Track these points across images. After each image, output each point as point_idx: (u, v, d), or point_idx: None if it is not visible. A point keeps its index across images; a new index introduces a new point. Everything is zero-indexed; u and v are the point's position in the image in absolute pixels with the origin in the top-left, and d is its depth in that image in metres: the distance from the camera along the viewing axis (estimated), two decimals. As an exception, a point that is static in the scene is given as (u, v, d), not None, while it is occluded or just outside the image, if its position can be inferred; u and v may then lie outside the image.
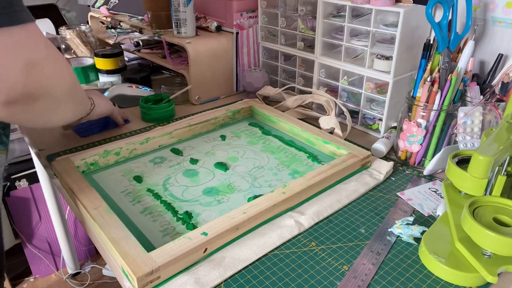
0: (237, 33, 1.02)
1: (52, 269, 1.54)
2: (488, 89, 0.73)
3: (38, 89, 0.46)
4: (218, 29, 1.04)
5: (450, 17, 0.70)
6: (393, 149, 0.80)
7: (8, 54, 0.41)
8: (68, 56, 1.19)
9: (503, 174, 0.56)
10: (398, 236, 0.59)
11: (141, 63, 1.29)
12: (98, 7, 1.37)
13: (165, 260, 0.49)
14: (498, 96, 0.71)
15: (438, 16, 0.71)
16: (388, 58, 0.80)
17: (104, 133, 0.87)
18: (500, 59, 0.76)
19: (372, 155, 0.77)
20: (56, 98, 0.50)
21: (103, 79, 1.15)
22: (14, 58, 0.42)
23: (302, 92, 1.00)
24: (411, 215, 0.63)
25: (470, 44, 0.70)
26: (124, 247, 0.51)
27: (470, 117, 0.69)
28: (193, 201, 0.65)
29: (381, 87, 0.85)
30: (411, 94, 0.73)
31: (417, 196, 0.68)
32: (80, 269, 1.56)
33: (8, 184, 1.41)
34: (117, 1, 1.34)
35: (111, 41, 1.27)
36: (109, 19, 1.29)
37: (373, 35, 0.81)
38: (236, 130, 0.89)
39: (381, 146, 0.78)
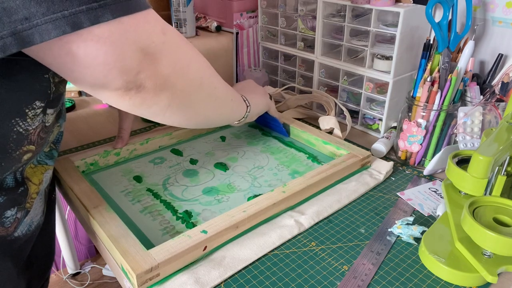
0: (237, 33, 1.03)
1: (52, 269, 1.54)
2: (488, 89, 0.73)
3: (154, 78, 0.42)
4: (218, 29, 1.04)
5: (450, 17, 0.70)
6: (393, 149, 0.80)
7: (121, 40, 0.38)
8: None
9: (503, 174, 0.56)
10: (398, 236, 0.59)
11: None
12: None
13: (164, 257, 0.49)
14: (498, 96, 0.71)
15: (438, 16, 0.71)
16: (388, 58, 0.81)
17: (104, 133, 0.87)
18: (500, 59, 0.76)
19: (372, 155, 0.77)
20: (183, 92, 0.46)
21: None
22: (128, 45, 0.39)
23: (302, 92, 1.00)
24: (411, 215, 0.63)
25: (470, 44, 0.70)
26: (124, 245, 0.51)
27: (470, 117, 0.69)
28: (193, 201, 0.65)
29: (381, 87, 0.85)
30: (411, 94, 0.73)
31: (417, 196, 0.68)
32: (80, 269, 1.55)
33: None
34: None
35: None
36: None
37: (373, 35, 0.81)
38: (236, 131, 0.89)
39: (381, 146, 0.78)
